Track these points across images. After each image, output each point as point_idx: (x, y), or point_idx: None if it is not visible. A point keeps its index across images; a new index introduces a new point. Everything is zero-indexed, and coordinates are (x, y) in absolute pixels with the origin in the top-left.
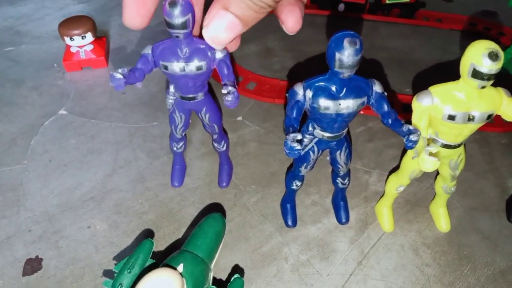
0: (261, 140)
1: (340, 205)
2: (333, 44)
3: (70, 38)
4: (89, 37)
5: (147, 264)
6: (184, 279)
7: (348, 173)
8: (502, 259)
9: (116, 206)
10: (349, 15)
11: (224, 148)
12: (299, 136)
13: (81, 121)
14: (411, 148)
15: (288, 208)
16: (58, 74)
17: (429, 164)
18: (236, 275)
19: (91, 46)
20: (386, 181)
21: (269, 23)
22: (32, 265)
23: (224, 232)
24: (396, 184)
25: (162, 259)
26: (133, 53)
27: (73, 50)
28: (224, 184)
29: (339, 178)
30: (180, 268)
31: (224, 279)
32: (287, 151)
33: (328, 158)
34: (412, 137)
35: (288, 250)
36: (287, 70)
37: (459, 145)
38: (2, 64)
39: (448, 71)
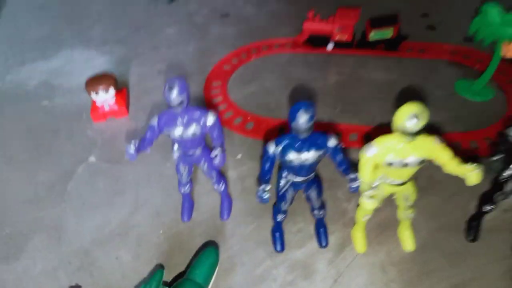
0: (257, 176)
1: (320, 231)
2: (290, 115)
3: (96, 93)
4: (111, 91)
5: None
6: None
7: (322, 206)
8: (457, 274)
9: (137, 239)
10: (338, 52)
11: (223, 188)
12: (267, 187)
13: (107, 166)
14: (355, 192)
15: (277, 236)
16: (87, 124)
17: (367, 205)
18: None
19: (113, 99)
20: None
21: (267, 63)
22: None
23: (218, 261)
24: (362, 213)
25: (171, 285)
26: (149, 101)
27: (98, 103)
28: (225, 217)
29: (315, 210)
30: None
31: None
32: (258, 200)
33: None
34: (352, 184)
35: (277, 271)
36: (282, 108)
37: (404, 183)
38: (40, 117)
39: (425, 99)
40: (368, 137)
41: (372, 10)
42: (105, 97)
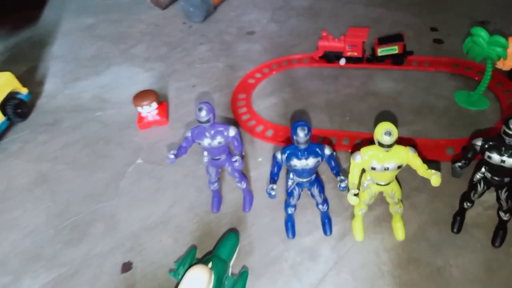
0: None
1: (325, 222)
2: (292, 130)
3: (141, 107)
4: (154, 105)
5: (193, 263)
6: (212, 271)
7: (324, 201)
8: (440, 260)
9: (176, 227)
10: (350, 66)
11: (244, 186)
12: (274, 186)
13: (151, 168)
14: (343, 190)
15: (289, 226)
16: (134, 132)
17: (351, 201)
18: (243, 269)
19: (156, 111)
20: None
21: (287, 77)
22: (127, 267)
23: (238, 243)
24: (358, 208)
25: (201, 260)
26: (184, 112)
27: (143, 115)
28: (247, 210)
29: (319, 205)
30: (210, 265)
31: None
32: (267, 195)
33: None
34: (341, 184)
35: (288, 254)
36: (298, 118)
37: (388, 183)
38: (94, 126)
39: (426, 110)
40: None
41: (384, 27)
42: (149, 110)
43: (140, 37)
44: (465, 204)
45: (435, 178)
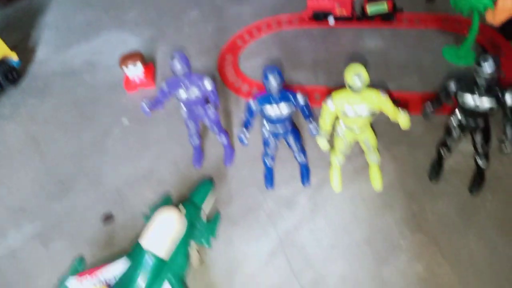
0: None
1: (303, 173)
2: (263, 76)
3: (126, 68)
4: (139, 66)
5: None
6: (183, 214)
7: (301, 151)
8: (416, 206)
9: (158, 182)
10: (340, 26)
11: (224, 140)
12: (246, 133)
13: (137, 127)
14: (314, 135)
15: (268, 177)
16: (121, 94)
17: (321, 145)
18: (216, 213)
19: (142, 73)
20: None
21: (276, 38)
22: (108, 218)
23: (212, 189)
24: (334, 157)
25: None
26: (172, 74)
27: (129, 76)
28: (228, 164)
29: (296, 155)
30: (181, 208)
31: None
32: (240, 142)
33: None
34: (311, 127)
35: (266, 203)
36: (286, 77)
37: (362, 130)
38: (83, 89)
39: (414, 66)
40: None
41: None
42: (135, 71)
43: (131, 3)
44: (442, 151)
45: (403, 119)
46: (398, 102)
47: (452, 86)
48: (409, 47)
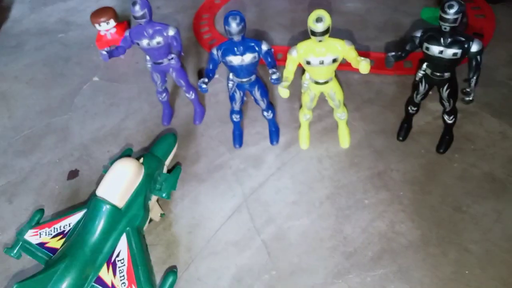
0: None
1: (272, 131)
2: (224, 21)
3: (99, 25)
4: (112, 22)
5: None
6: (142, 165)
7: (269, 107)
8: (382, 165)
9: (126, 139)
10: None
11: (193, 97)
12: (206, 80)
13: (107, 84)
14: (275, 83)
15: (236, 135)
16: (94, 51)
17: (282, 93)
18: (177, 165)
19: (114, 30)
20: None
21: None
22: (73, 174)
23: (175, 143)
24: (302, 114)
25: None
26: None
27: (102, 33)
28: (197, 122)
29: (264, 112)
30: (141, 160)
31: None
32: (199, 89)
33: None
34: (273, 76)
35: (233, 162)
36: (260, 37)
37: (326, 82)
38: (55, 47)
39: (392, 28)
40: None
41: None
42: (107, 27)
43: None
44: (409, 108)
45: (363, 64)
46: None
47: (418, 34)
48: (388, 9)
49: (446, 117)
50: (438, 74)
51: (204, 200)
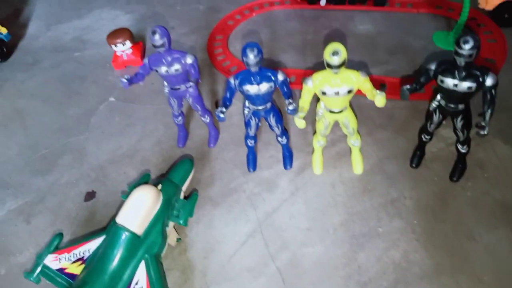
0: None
1: (286, 156)
2: (242, 52)
3: (115, 45)
4: (128, 43)
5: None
6: (161, 192)
7: (283, 133)
8: (395, 192)
9: (141, 160)
10: (331, 8)
11: (208, 120)
12: (223, 109)
13: (123, 105)
14: (291, 114)
15: (250, 159)
16: (109, 71)
17: (298, 124)
18: (194, 192)
19: (130, 50)
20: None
21: (267, 19)
22: (90, 195)
23: (192, 168)
24: (316, 140)
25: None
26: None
27: (118, 54)
28: (211, 145)
29: (278, 137)
30: (159, 186)
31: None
32: (217, 118)
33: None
34: (289, 106)
35: (247, 186)
36: (274, 59)
37: (341, 111)
38: (72, 66)
39: (402, 51)
40: None
41: None
42: (123, 48)
43: None
44: (423, 136)
45: (379, 98)
46: (385, 87)
47: (432, 67)
48: (399, 32)
49: (459, 146)
50: (452, 105)
51: (218, 224)
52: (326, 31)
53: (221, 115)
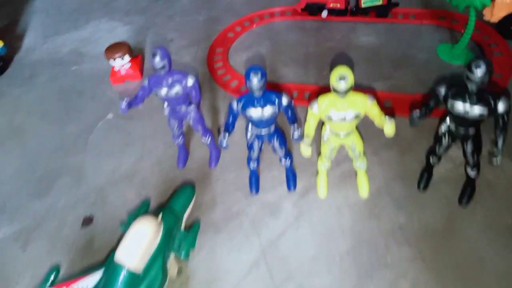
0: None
1: (289, 178)
2: (245, 76)
3: (113, 59)
4: (126, 58)
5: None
6: (161, 223)
7: (286, 155)
8: (403, 216)
9: (141, 182)
10: (333, 19)
11: (209, 141)
12: (226, 136)
13: (121, 122)
14: (297, 141)
15: (253, 181)
16: (108, 86)
17: (304, 152)
18: (195, 222)
19: (129, 65)
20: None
21: (267, 31)
22: (87, 221)
23: (193, 196)
24: (321, 163)
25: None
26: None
27: (116, 69)
28: (212, 166)
29: (282, 159)
30: (160, 217)
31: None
32: (219, 145)
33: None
34: (294, 133)
35: (250, 209)
36: (275, 72)
37: (347, 135)
38: (69, 80)
39: (407, 64)
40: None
41: None
42: (122, 63)
43: None
44: (431, 159)
45: (388, 127)
46: (393, 114)
47: (442, 91)
48: (403, 44)
49: (469, 170)
50: (462, 130)
51: (220, 252)
52: (328, 44)
53: (224, 143)
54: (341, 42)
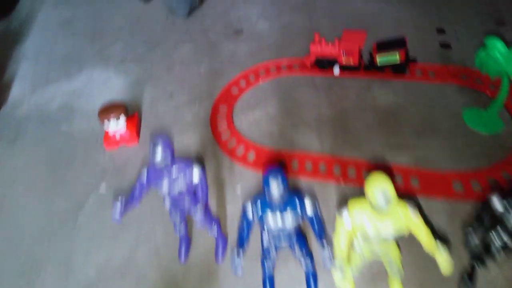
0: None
1: (309, 278)
2: (264, 181)
3: (108, 120)
4: (122, 118)
5: None
6: None
7: (307, 256)
8: None
9: (137, 278)
10: (346, 75)
11: (215, 232)
12: (241, 255)
13: (115, 197)
14: (327, 268)
15: (267, 284)
16: (101, 150)
17: (337, 282)
18: None
19: (124, 128)
20: None
21: (274, 87)
22: None
23: None
24: (347, 266)
25: None
26: (158, 127)
27: (110, 133)
28: (219, 261)
29: (301, 262)
30: None
31: None
32: (234, 273)
33: None
34: (324, 255)
35: None
36: (285, 137)
37: (384, 252)
38: (58, 142)
39: (430, 131)
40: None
41: (384, 25)
42: (116, 127)
43: (118, 33)
44: (476, 264)
45: (442, 260)
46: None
47: (498, 206)
48: (424, 106)
49: None
50: None
51: None
52: (342, 104)
53: (239, 270)
54: (355, 102)
